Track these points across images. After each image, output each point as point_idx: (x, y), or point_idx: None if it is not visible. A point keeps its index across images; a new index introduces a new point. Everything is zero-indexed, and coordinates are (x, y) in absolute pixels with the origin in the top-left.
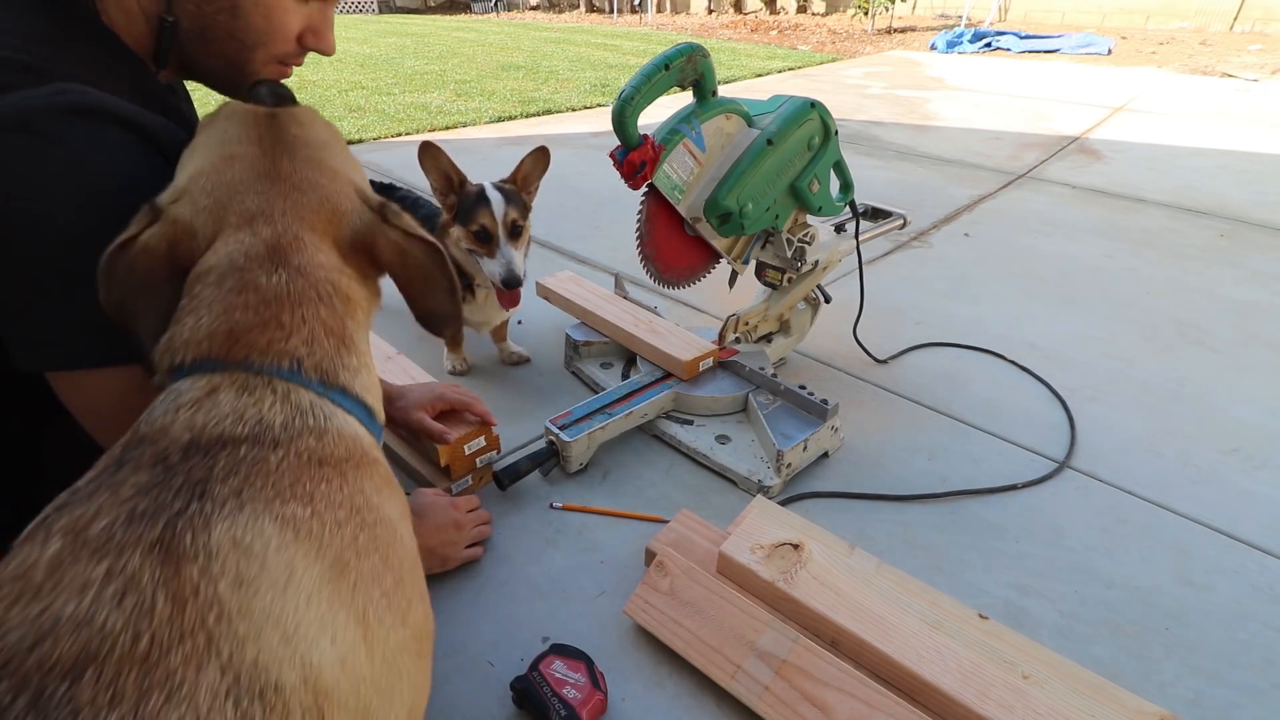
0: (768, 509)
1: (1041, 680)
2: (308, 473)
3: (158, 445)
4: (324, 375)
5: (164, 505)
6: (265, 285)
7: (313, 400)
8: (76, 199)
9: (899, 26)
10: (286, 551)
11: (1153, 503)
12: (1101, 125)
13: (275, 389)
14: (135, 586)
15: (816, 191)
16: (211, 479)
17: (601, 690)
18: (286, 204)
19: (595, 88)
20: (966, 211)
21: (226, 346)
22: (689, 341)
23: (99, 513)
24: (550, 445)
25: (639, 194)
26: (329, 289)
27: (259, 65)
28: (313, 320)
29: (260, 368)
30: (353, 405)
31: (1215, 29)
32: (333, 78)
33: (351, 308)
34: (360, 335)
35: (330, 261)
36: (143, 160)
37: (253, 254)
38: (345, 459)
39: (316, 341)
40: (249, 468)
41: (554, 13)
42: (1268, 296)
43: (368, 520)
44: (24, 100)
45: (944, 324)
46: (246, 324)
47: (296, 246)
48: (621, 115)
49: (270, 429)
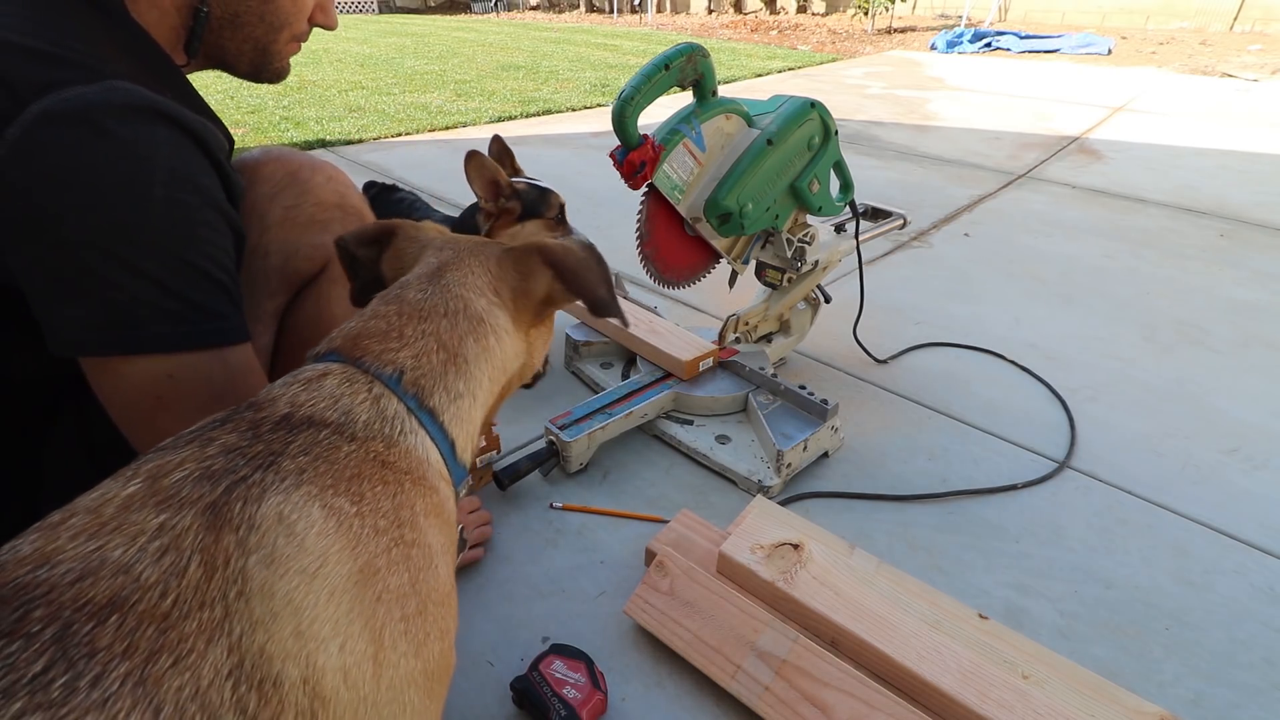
0: (768, 509)
1: (1041, 680)
2: (368, 471)
3: (260, 412)
4: (419, 392)
5: (233, 469)
6: (410, 299)
7: (398, 411)
8: (127, 190)
9: (899, 26)
10: (325, 540)
11: (1153, 503)
12: (1101, 125)
13: (372, 390)
14: (177, 545)
15: (816, 191)
16: (285, 453)
17: (601, 690)
18: (481, 243)
19: (595, 88)
20: (966, 211)
21: (351, 345)
22: (689, 341)
23: (182, 463)
24: (550, 445)
25: (639, 194)
26: (460, 304)
27: (282, 45)
28: (429, 335)
29: (368, 367)
30: (435, 432)
31: (1215, 29)
32: (333, 78)
33: (480, 330)
34: (479, 363)
35: (477, 283)
36: (190, 158)
37: (423, 272)
38: (406, 473)
39: (424, 356)
40: (321, 450)
41: (554, 13)
42: (1268, 296)
43: (406, 538)
44: (80, 95)
45: (944, 324)
46: (375, 330)
47: (456, 266)
48: (621, 115)
49: (354, 422)
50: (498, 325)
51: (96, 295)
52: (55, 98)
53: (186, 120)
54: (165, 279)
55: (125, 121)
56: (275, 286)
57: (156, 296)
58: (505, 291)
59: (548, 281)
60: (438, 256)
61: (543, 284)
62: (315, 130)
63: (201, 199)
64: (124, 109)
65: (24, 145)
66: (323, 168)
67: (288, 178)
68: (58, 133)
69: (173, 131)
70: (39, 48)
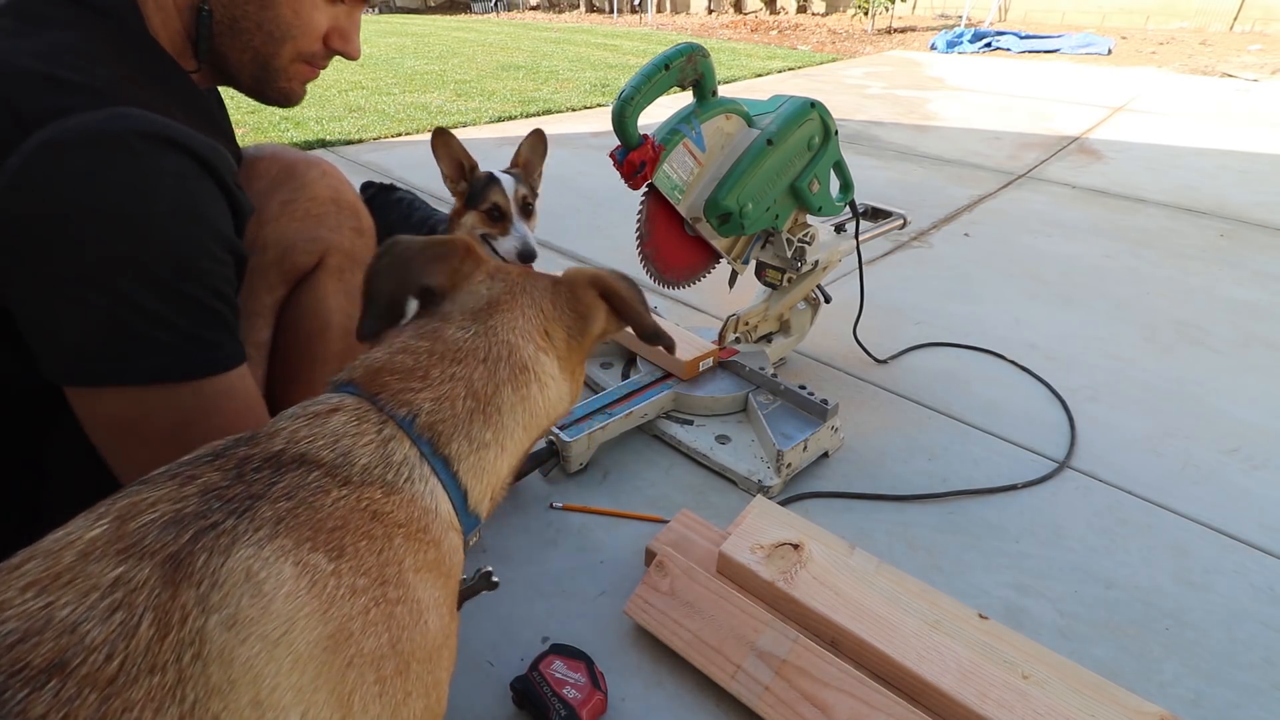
0: (768, 509)
1: (1041, 680)
2: (354, 522)
3: (254, 447)
4: (435, 437)
5: (205, 514)
6: (447, 337)
7: (408, 456)
8: (127, 223)
9: (899, 26)
10: (294, 602)
11: (1153, 503)
12: (1101, 125)
13: (381, 431)
14: (130, 601)
15: (816, 191)
16: (265, 497)
17: (601, 690)
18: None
19: (595, 88)
20: (966, 211)
21: (368, 378)
22: (689, 341)
23: (155, 504)
24: (550, 445)
25: (639, 194)
26: (504, 350)
27: (285, 62)
28: (460, 380)
29: (382, 406)
30: (448, 480)
31: (1215, 29)
32: (333, 78)
33: (522, 379)
34: (514, 413)
35: (527, 327)
36: (196, 187)
37: (467, 308)
38: (399, 525)
39: (448, 401)
40: (305, 496)
41: (554, 13)
42: (1268, 296)
43: (389, 596)
44: (83, 124)
45: (944, 324)
46: (399, 366)
47: (508, 306)
48: (621, 115)
49: (350, 465)
50: (543, 372)
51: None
52: (58, 126)
53: (195, 146)
54: (161, 311)
55: (129, 150)
56: (273, 281)
57: (148, 328)
58: (558, 333)
59: (604, 315)
60: (488, 289)
61: (600, 319)
62: (315, 130)
63: (204, 229)
64: (129, 136)
65: (24, 175)
66: (318, 164)
67: (283, 173)
68: (58, 163)
69: (180, 159)
70: (49, 72)
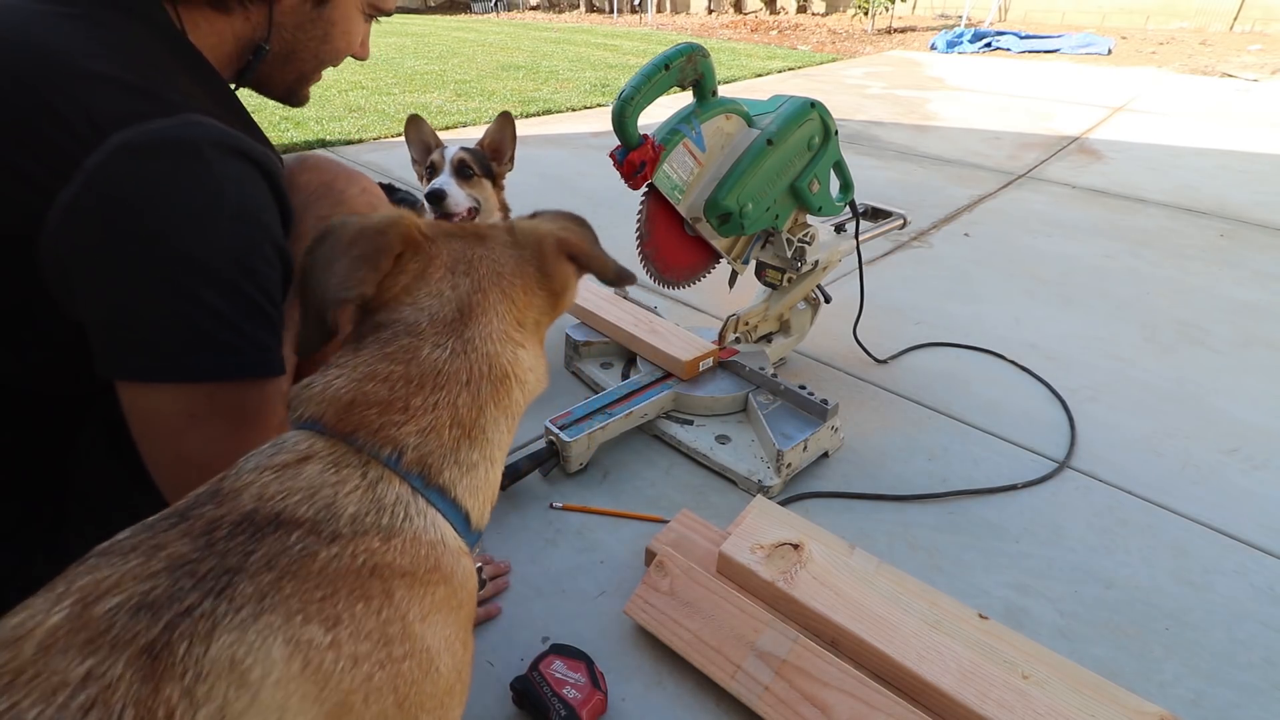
0: (768, 509)
1: (1041, 680)
2: (350, 584)
3: (220, 509)
4: (425, 470)
5: (178, 596)
6: (422, 359)
7: (400, 495)
8: (197, 223)
9: (899, 26)
10: (286, 689)
11: (1153, 503)
12: (1101, 125)
13: (365, 474)
14: (106, 701)
15: (816, 191)
16: (243, 570)
17: (601, 690)
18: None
19: (595, 88)
20: (966, 211)
21: (339, 417)
22: (689, 341)
23: (119, 584)
24: (550, 445)
25: (639, 194)
26: (485, 365)
27: (317, 76)
28: (444, 407)
29: (362, 446)
30: (447, 508)
31: (1215, 29)
32: (333, 78)
33: (503, 388)
34: (497, 425)
35: (503, 327)
36: (257, 192)
37: (438, 317)
38: (403, 573)
39: (434, 431)
40: (289, 563)
41: (554, 13)
42: (1268, 296)
43: (395, 655)
44: (161, 129)
45: (944, 324)
46: (374, 398)
47: (481, 309)
48: (621, 115)
49: (336, 518)
50: (522, 369)
51: (155, 322)
52: (136, 130)
53: (256, 154)
54: (223, 309)
55: (200, 156)
56: None
57: (212, 326)
58: (530, 318)
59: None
60: (453, 288)
61: (572, 286)
62: (315, 130)
63: (263, 234)
64: (201, 143)
65: (102, 174)
66: (358, 179)
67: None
68: (136, 164)
69: (244, 165)
70: (123, 78)
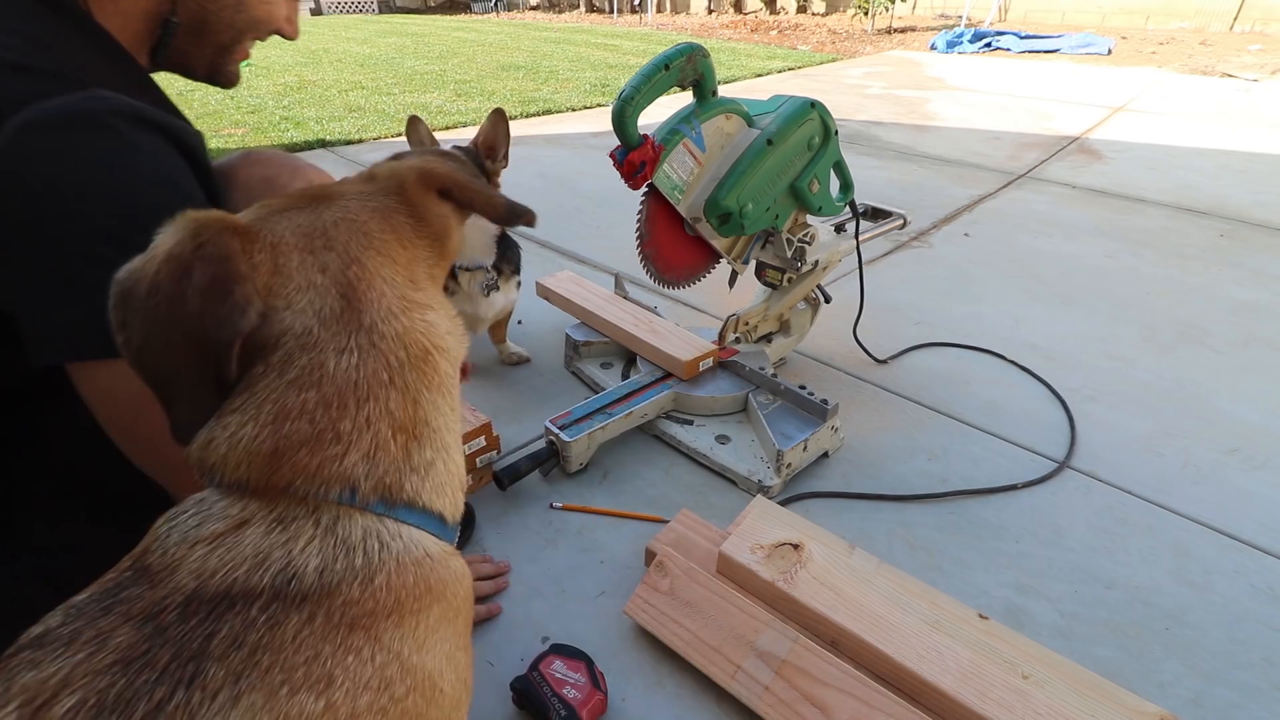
0: (768, 509)
1: (1041, 680)
2: (334, 641)
3: (157, 590)
4: (386, 492)
5: (143, 691)
6: (333, 374)
7: (367, 529)
8: (114, 194)
9: (899, 26)
10: None
11: (1153, 503)
12: (1101, 125)
13: (319, 520)
14: None
15: (816, 191)
16: (208, 654)
17: (601, 690)
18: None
19: (595, 88)
20: (966, 211)
21: (268, 471)
22: (689, 341)
23: (67, 683)
24: (550, 445)
25: (639, 194)
26: (402, 353)
27: (240, 51)
28: (379, 418)
29: (305, 493)
30: (421, 520)
31: (1215, 29)
32: (333, 78)
33: (428, 369)
34: (438, 408)
35: (399, 294)
36: (171, 160)
37: (326, 313)
38: (391, 611)
39: (379, 449)
40: (257, 638)
41: (554, 13)
42: (1268, 296)
43: (397, 695)
44: (65, 103)
45: (944, 324)
46: (297, 439)
47: (366, 282)
48: (621, 115)
49: (299, 578)
50: (438, 336)
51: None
52: (39, 108)
53: (166, 124)
54: None
55: (107, 126)
56: None
57: None
58: (421, 272)
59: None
60: (322, 272)
61: (454, 226)
62: (315, 130)
63: (184, 200)
64: (105, 114)
65: (7, 156)
66: (304, 172)
67: (264, 183)
68: (43, 141)
69: (154, 135)
70: (23, 62)
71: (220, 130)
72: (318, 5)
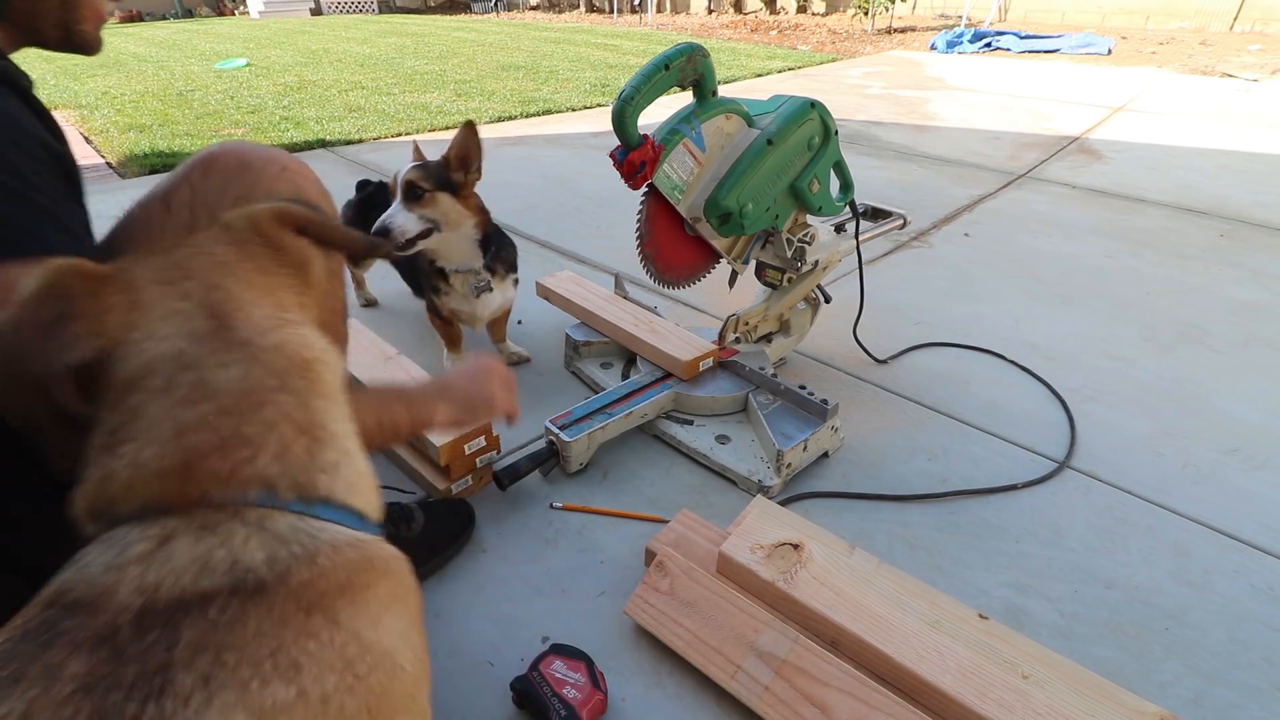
0: (768, 509)
1: (1041, 680)
2: (295, 628)
3: (100, 616)
4: (302, 490)
5: (113, 713)
6: (220, 384)
7: (293, 524)
8: None
9: (899, 26)
10: None
11: (1153, 503)
12: (1101, 125)
13: (246, 518)
14: None
15: (816, 191)
16: (173, 664)
17: (601, 690)
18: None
19: (595, 88)
20: (966, 211)
21: (181, 485)
22: (689, 341)
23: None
24: (550, 445)
25: (639, 194)
26: (283, 362)
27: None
28: (278, 420)
29: (224, 499)
30: (340, 515)
31: (1215, 29)
32: (333, 78)
33: (314, 376)
34: (332, 415)
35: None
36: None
37: (195, 333)
38: (342, 589)
39: (288, 449)
40: (222, 637)
41: (554, 13)
42: (1268, 296)
43: (360, 673)
44: None
45: (944, 324)
46: (205, 449)
47: (230, 303)
48: (621, 115)
49: (252, 569)
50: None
51: None
52: None
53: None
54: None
55: None
56: None
57: None
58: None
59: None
60: (183, 299)
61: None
62: (315, 130)
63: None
64: None
65: None
66: (279, 158)
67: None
68: None
69: None
70: None
71: (220, 130)
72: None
